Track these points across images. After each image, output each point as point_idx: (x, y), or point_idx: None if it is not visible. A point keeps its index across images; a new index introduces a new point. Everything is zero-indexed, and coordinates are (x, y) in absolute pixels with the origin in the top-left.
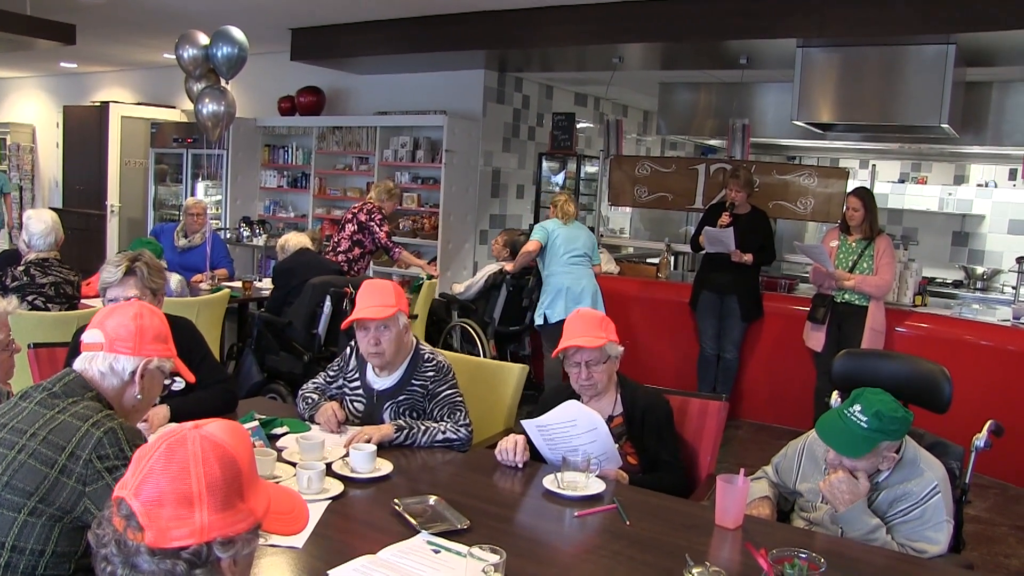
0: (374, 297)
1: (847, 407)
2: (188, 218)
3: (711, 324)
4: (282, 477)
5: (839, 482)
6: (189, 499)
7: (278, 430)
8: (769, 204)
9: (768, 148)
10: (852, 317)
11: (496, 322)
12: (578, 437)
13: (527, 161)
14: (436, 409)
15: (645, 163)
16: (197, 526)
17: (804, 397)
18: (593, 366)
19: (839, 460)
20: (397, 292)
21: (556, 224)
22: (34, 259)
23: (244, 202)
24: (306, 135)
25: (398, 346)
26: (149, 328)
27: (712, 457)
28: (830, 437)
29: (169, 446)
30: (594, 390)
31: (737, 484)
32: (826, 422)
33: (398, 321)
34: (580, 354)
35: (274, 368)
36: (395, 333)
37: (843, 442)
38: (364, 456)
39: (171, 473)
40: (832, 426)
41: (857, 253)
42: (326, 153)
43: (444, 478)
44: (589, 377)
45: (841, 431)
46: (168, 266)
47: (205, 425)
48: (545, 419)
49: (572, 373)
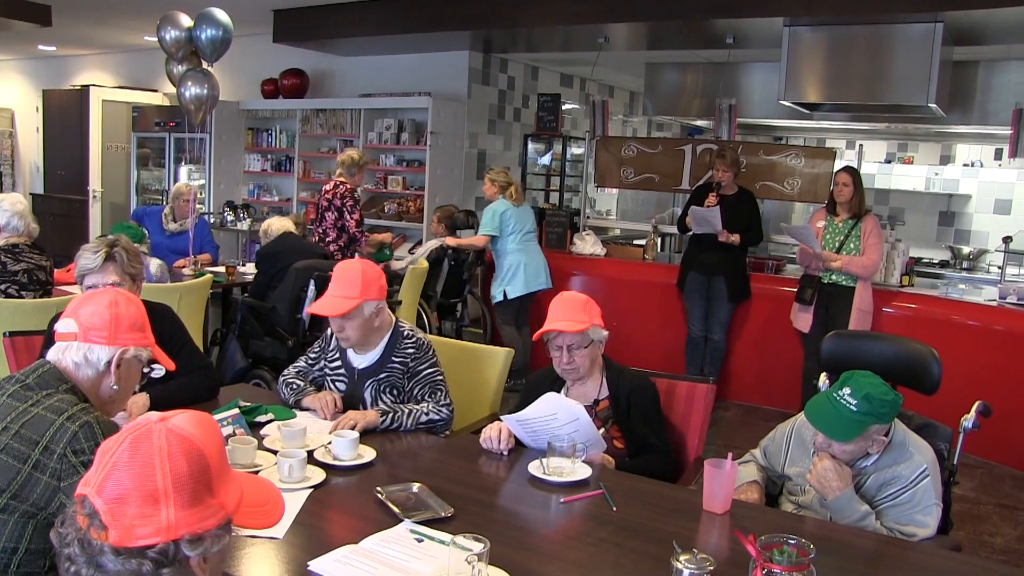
0: (336, 286)
1: (836, 390)
2: (178, 203)
3: (699, 305)
4: (263, 466)
5: (826, 470)
6: (155, 496)
7: (262, 417)
8: (756, 185)
9: (755, 128)
10: (839, 298)
11: (439, 295)
12: (560, 429)
13: (513, 143)
14: (417, 388)
15: (631, 144)
16: (163, 524)
17: (792, 378)
18: (575, 350)
19: (828, 444)
20: (365, 279)
21: (507, 205)
22: (3, 245)
23: (228, 186)
24: (290, 118)
25: (365, 332)
26: (125, 316)
27: (700, 440)
28: (819, 421)
29: (133, 440)
30: (576, 374)
31: (725, 468)
32: (815, 406)
33: (362, 311)
34: (561, 338)
35: (258, 353)
36: (359, 323)
37: (832, 426)
38: (347, 443)
39: (135, 469)
40: (821, 410)
41: (844, 233)
42: (310, 136)
43: (427, 464)
44: (571, 361)
45: (830, 415)
46: (155, 250)
47: (171, 417)
48: (525, 414)
49: (554, 357)
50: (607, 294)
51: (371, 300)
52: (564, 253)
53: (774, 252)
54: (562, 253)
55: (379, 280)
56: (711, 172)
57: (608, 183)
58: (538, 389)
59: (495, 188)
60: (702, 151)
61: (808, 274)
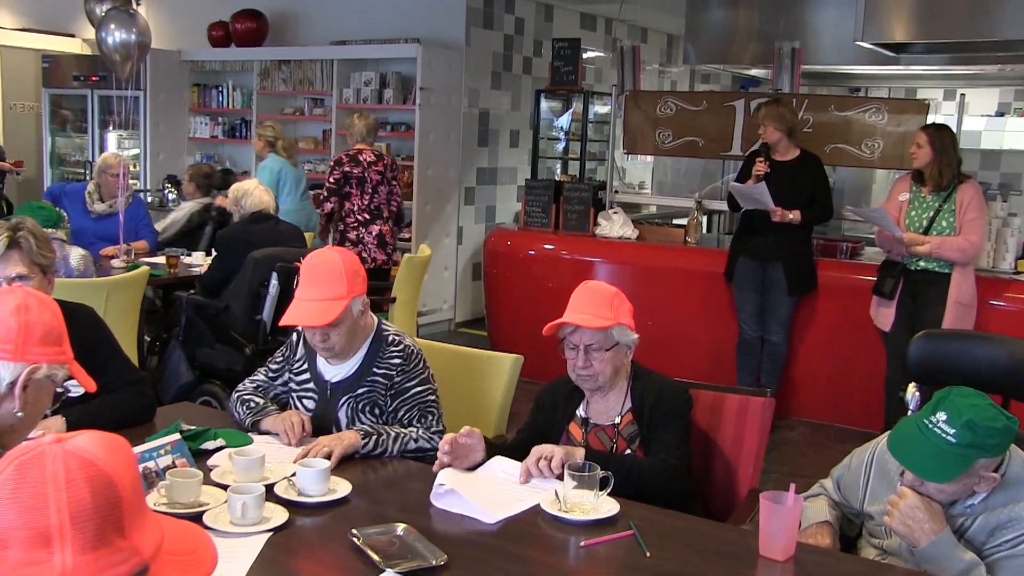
0: (314, 287)
1: (928, 415)
2: (105, 178)
3: (751, 299)
4: (210, 504)
5: (912, 509)
6: (46, 536)
7: (211, 443)
8: (825, 148)
9: (825, 78)
10: (930, 288)
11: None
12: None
13: (522, 100)
14: (403, 409)
15: (669, 100)
16: (57, 571)
17: (872, 390)
18: (594, 352)
19: (920, 483)
20: (349, 272)
21: (281, 162)
22: None
23: (169, 157)
24: (245, 71)
25: (352, 336)
26: (37, 325)
27: (755, 468)
28: (907, 456)
29: (20, 467)
30: (594, 382)
31: (787, 503)
32: (901, 436)
33: (350, 310)
34: (579, 335)
35: (208, 364)
36: (347, 326)
37: (925, 463)
38: (315, 475)
39: (21, 502)
40: (909, 441)
41: (934, 208)
42: (271, 94)
43: (415, 499)
44: (587, 365)
45: (921, 448)
46: (77, 237)
47: (71, 438)
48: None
49: (568, 358)
50: (640, 287)
51: (358, 296)
52: (586, 236)
53: (848, 232)
54: (584, 236)
55: (361, 270)
56: None
57: (640, 149)
58: (552, 406)
59: (262, 143)
60: (757, 108)
61: (890, 260)
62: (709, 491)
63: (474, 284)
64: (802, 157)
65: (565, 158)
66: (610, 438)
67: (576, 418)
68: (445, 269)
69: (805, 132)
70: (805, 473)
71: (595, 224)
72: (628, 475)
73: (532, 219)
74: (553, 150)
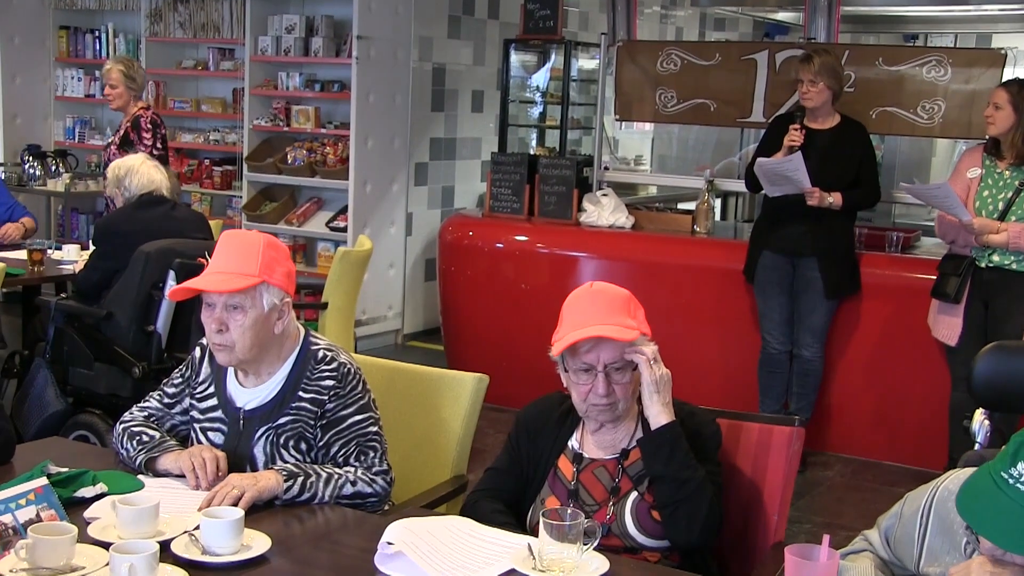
0: (222, 258)
1: (1006, 467)
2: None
3: (779, 304)
4: (86, 568)
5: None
6: None
7: (87, 490)
8: (871, 113)
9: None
10: (1007, 291)
11: None
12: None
13: (488, 54)
14: (337, 444)
15: (673, 52)
16: None
17: (931, 418)
18: (617, 372)
19: (1002, 552)
20: (267, 254)
21: None
22: None
23: (29, 121)
24: (130, 12)
25: (258, 339)
26: None
27: (780, 515)
28: (982, 519)
29: None
30: (613, 412)
31: (819, 560)
32: (972, 492)
33: (260, 299)
34: (601, 350)
35: (85, 389)
36: (253, 317)
37: (1005, 528)
38: (224, 527)
39: None
40: (984, 499)
41: (1013, 188)
42: (164, 41)
43: (352, 561)
44: (610, 391)
45: (1000, 509)
46: None
47: None
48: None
49: (580, 385)
50: (636, 288)
51: (273, 286)
52: (568, 224)
53: (900, 219)
54: (565, 224)
55: (286, 262)
56: (796, 92)
57: (637, 115)
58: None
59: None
60: (785, 61)
61: (954, 254)
62: (724, 544)
63: (427, 286)
64: (843, 125)
65: (542, 126)
66: (612, 476)
67: (567, 450)
68: (390, 267)
69: (846, 92)
70: (844, 523)
71: (579, 210)
72: (701, 486)
73: (500, 203)
74: (526, 116)
